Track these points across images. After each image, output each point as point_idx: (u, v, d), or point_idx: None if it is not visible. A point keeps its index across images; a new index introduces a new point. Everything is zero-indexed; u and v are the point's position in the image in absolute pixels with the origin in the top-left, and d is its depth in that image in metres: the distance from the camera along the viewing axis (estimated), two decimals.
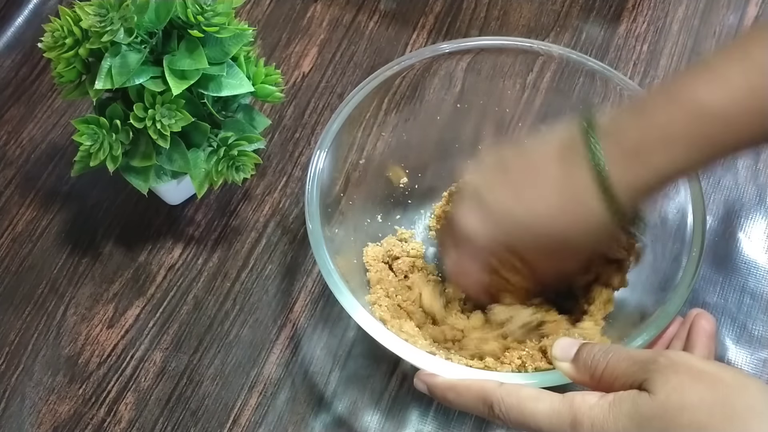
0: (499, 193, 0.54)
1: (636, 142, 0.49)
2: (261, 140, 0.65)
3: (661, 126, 0.48)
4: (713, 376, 0.40)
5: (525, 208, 0.53)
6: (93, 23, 0.56)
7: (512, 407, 0.44)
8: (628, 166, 0.49)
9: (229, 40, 0.61)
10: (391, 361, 0.66)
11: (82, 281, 0.70)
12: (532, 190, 0.53)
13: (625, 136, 0.49)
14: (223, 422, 0.64)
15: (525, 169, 0.54)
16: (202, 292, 0.69)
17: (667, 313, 0.53)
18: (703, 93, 0.47)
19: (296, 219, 0.72)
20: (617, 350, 0.43)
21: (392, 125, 0.67)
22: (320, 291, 0.69)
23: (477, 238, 0.55)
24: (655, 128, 0.48)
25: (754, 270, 0.69)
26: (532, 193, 0.53)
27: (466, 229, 0.55)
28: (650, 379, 0.40)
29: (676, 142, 0.48)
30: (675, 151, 0.48)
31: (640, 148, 0.49)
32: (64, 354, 0.67)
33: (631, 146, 0.49)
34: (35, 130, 0.77)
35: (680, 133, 0.48)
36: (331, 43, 0.81)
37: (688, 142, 0.48)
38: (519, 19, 0.82)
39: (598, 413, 0.40)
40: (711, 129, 0.47)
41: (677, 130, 0.48)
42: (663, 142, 0.48)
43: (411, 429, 0.63)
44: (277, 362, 0.66)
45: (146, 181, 0.63)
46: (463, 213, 0.56)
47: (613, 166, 0.49)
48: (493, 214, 0.54)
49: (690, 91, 0.48)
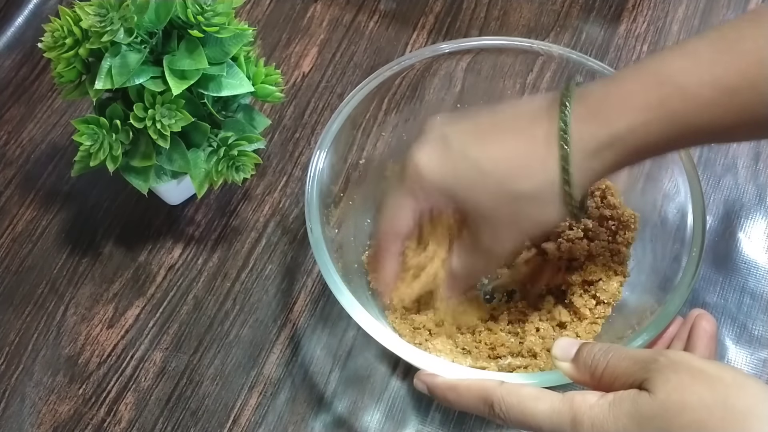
0: (464, 136, 0.53)
1: (598, 101, 0.49)
2: (261, 140, 0.65)
3: (626, 90, 0.48)
4: (713, 375, 0.39)
5: (485, 152, 0.52)
6: (93, 23, 0.56)
7: (512, 407, 0.44)
8: (587, 123, 0.49)
9: (229, 40, 0.61)
10: (391, 361, 0.66)
11: (82, 281, 0.70)
12: (497, 140, 0.52)
13: (591, 97, 0.49)
14: (223, 422, 0.64)
15: (495, 120, 0.53)
16: (202, 292, 0.69)
17: (667, 313, 0.53)
18: (672, 66, 0.47)
19: (296, 219, 0.72)
20: (617, 350, 0.43)
21: (392, 125, 0.67)
22: (320, 291, 0.69)
23: (426, 175, 0.52)
24: (619, 91, 0.49)
25: (754, 270, 0.69)
26: (497, 143, 0.52)
27: (418, 164, 0.53)
28: (650, 379, 0.40)
29: (637, 107, 0.48)
30: (634, 116, 0.48)
31: (601, 107, 0.49)
32: (64, 354, 0.67)
33: (593, 105, 0.49)
34: (35, 130, 0.77)
35: (641, 99, 0.48)
36: (331, 43, 0.81)
37: (647, 110, 0.47)
38: (519, 19, 0.82)
39: (599, 413, 0.40)
40: (675, 101, 0.47)
41: (640, 94, 0.48)
42: (623, 104, 0.48)
43: (411, 429, 0.63)
44: (277, 362, 0.66)
45: (146, 181, 0.63)
46: (421, 149, 0.53)
47: (575, 123, 0.49)
48: (452, 154, 0.52)
49: (660, 64, 0.48)
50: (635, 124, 0.48)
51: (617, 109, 0.48)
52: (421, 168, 0.53)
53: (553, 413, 0.42)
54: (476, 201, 0.52)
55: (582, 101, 0.49)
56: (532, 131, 0.51)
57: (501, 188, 0.51)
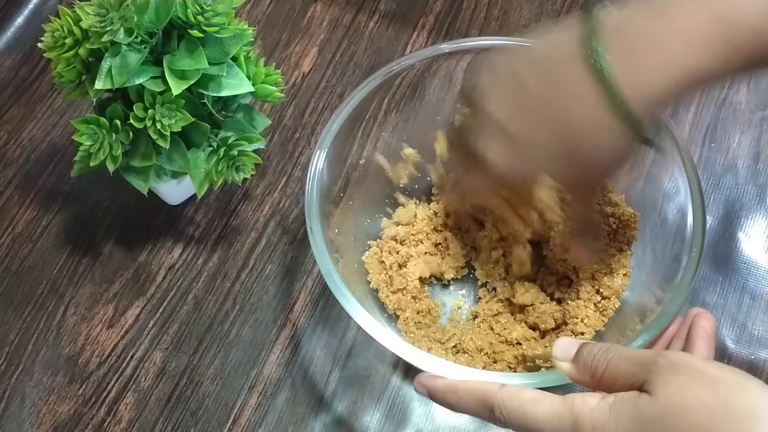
0: (521, 122, 0.51)
1: (649, 40, 0.46)
2: (261, 140, 0.65)
3: (682, 25, 0.45)
4: (714, 377, 0.39)
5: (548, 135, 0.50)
6: (93, 23, 0.56)
7: (513, 410, 0.44)
8: (638, 70, 0.46)
9: (229, 40, 0.60)
10: (391, 361, 0.66)
11: (82, 281, 0.70)
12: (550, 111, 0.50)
13: (641, 34, 0.46)
14: (223, 422, 0.64)
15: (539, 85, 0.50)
16: (202, 292, 0.69)
17: (667, 313, 0.53)
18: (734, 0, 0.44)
19: (296, 219, 0.72)
20: (618, 350, 0.43)
21: (392, 125, 0.67)
22: (320, 291, 0.69)
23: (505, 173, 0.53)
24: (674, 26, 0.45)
25: (754, 270, 0.69)
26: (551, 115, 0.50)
27: (494, 163, 0.52)
28: (651, 381, 0.40)
29: (696, 44, 0.45)
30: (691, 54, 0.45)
31: (654, 48, 0.46)
32: (64, 354, 0.67)
33: (645, 45, 0.46)
34: (35, 130, 0.77)
35: (702, 36, 0.44)
36: (331, 43, 0.81)
37: (707, 45, 0.44)
38: (519, 19, 0.82)
39: (599, 415, 0.40)
40: (737, 38, 0.44)
41: (699, 31, 0.45)
42: (679, 41, 0.45)
43: (411, 429, 0.63)
44: (277, 362, 0.66)
45: (146, 181, 0.63)
46: (487, 145, 0.52)
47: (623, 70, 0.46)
48: (519, 147, 0.51)
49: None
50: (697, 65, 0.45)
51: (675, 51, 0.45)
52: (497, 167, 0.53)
53: (553, 416, 0.42)
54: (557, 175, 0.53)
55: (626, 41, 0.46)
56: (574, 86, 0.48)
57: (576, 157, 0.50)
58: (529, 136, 0.51)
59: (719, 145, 0.74)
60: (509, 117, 0.51)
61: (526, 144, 0.51)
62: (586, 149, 0.49)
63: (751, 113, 0.75)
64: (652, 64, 0.46)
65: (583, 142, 0.49)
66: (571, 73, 0.48)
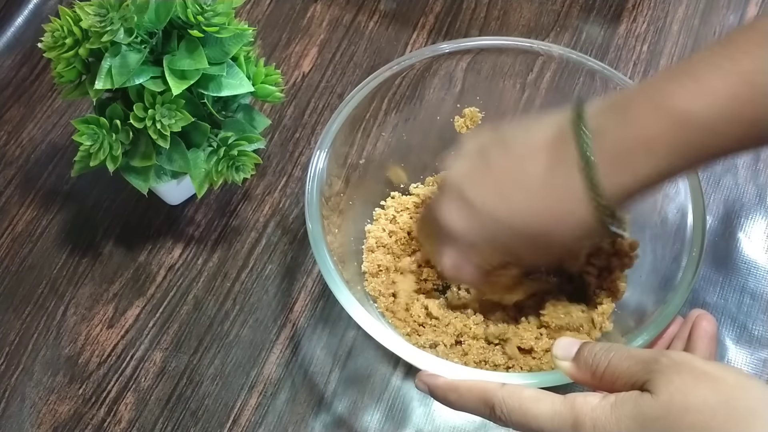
0: (481, 190, 0.53)
1: (620, 145, 0.48)
2: (261, 140, 0.65)
3: (644, 132, 0.48)
4: (716, 377, 0.39)
5: (509, 208, 0.52)
6: (93, 23, 0.56)
7: (514, 409, 0.44)
8: (612, 169, 0.48)
9: (229, 40, 0.60)
10: (391, 361, 0.66)
11: (82, 281, 0.70)
12: (515, 186, 0.52)
13: (610, 138, 0.48)
14: (223, 422, 0.64)
15: (509, 162, 0.53)
16: (202, 292, 0.69)
17: (667, 313, 0.53)
18: (686, 100, 0.46)
19: (296, 219, 0.72)
20: (619, 349, 0.43)
21: (392, 125, 0.67)
22: (320, 291, 0.69)
23: (462, 237, 0.54)
24: (638, 133, 0.48)
25: (754, 270, 0.69)
26: (515, 190, 0.52)
27: (450, 227, 0.54)
28: (653, 380, 0.40)
29: (659, 150, 0.47)
30: (657, 158, 0.47)
31: (624, 153, 0.48)
32: (64, 354, 0.67)
33: (615, 149, 0.48)
34: (35, 130, 0.77)
35: (663, 141, 0.47)
36: (331, 43, 0.81)
37: (670, 150, 0.47)
38: (519, 19, 0.82)
39: (600, 414, 0.40)
40: (694, 137, 0.47)
41: (660, 137, 0.47)
42: (646, 149, 0.47)
43: (411, 429, 0.63)
44: (277, 362, 0.66)
45: (146, 181, 0.63)
46: (446, 208, 0.55)
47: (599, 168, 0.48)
48: (476, 214, 0.53)
49: (672, 98, 0.47)
50: (660, 165, 0.48)
51: (641, 154, 0.48)
52: (454, 231, 0.54)
53: (554, 415, 0.42)
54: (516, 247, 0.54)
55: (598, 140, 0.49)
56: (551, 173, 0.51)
57: (537, 237, 0.52)
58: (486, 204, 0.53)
59: None
60: (471, 185, 0.54)
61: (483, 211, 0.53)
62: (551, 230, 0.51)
63: None
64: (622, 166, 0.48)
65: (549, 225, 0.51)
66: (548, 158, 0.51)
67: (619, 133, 0.48)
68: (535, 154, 0.51)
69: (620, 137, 0.48)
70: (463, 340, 0.61)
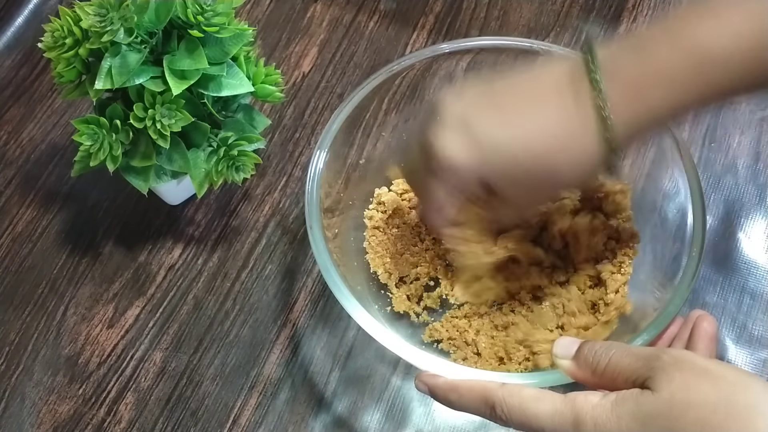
0: (488, 119, 0.50)
1: (636, 80, 0.48)
2: (261, 140, 0.65)
3: (661, 66, 0.47)
4: (717, 373, 0.39)
5: (516, 137, 0.50)
6: (93, 23, 0.56)
7: (514, 408, 0.44)
8: (627, 104, 0.48)
9: (229, 40, 0.60)
10: (391, 361, 0.66)
11: (82, 281, 0.70)
12: (524, 117, 0.50)
13: (625, 73, 0.48)
14: (223, 422, 0.64)
15: (517, 95, 0.51)
16: (202, 292, 0.69)
17: (667, 313, 0.53)
18: (705, 36, 0.47)
19: (296, 219, 0.72)
20: (619, 347, 0.43)
21: (392, 125, 0.67)
22: (320, 291, 0.69)
23: (459, 168, 0.50)
24: (655, 67, 0.48)
25: (754, 270, 0.69)
26: (524, 120, 0.50)
27: (447, 158, 0.50)
28: (653, 377, 0.40)
29: (675, 83, 0.47)
30: (673, 92, 0.47)
31: (640, 87, 0.48)
32: (64, 354, 0.67)
33: (630, 84, 0.48)
34: (35, 130, 0.77)
35: (679, 75, 0.47)
36: (331, 43, 0.81)
37: (685, 84, 0.47)
38: (519, 19, 0.82)
39: (601, 413, 0.40)
40: (710, 72, 0.47)
41: (677, 71, 0.47)
42: (662, 82, 0.47)
43: (411, 429, 0.63)
44: (277, 362, 0.66)
45: (146, 181, 0.63)
46: (444, 139, 0.51)
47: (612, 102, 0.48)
48: (479, 143, 0.50)
49: (691, 34, 0.47)
50: (674, 99, 0.48)
51: (658, 87, 0.48)
52: (452, 163, 0.51)
53: (555, 414, 0.42)
54: (512, 182, 0.51)
55: (612, 77, 0.48)
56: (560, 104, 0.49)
57: (537, 167, 0.50)
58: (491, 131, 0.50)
59: (719, 145, 0.74)
60: (473, 112, 0.51)
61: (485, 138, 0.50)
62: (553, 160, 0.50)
63: (751, 113, 0.75)
64: (635, 102, 0.48)
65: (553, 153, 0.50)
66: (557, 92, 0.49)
67: (635, 69, 0.48)
68: (544, 88, 0.50)
69: (636, 73, 0.48)
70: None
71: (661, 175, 0.61)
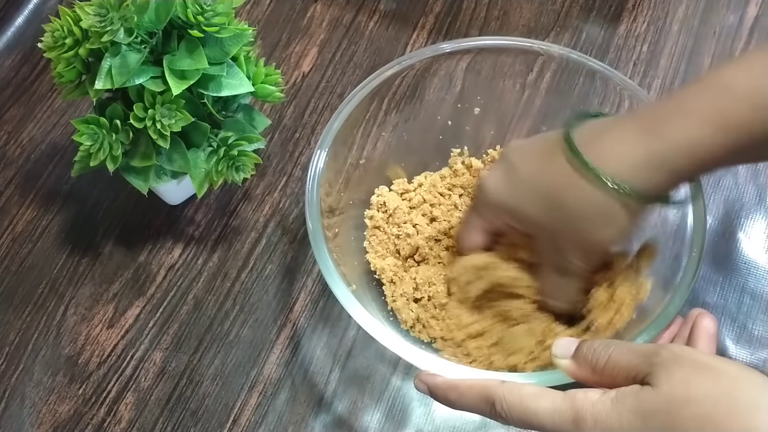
0: (522, 157, 0.56)
1: (651, 115, 0.49)
2: (261, 140, 0.65)
3: (679, 101, 0.49)
4: (717, 368, 0.39)
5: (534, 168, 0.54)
6: (93, 23, 0.56)
7: (514, 405, 0.44)
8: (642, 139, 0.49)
9: (229, 40, 0.60)
10: (391, 361, 0.66)
11: (82, 281, 0.70)
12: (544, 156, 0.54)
13: (644, 113, 0.50)
14: (223, 422, 0.64)
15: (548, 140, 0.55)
16: (202, 292, 0.69)
17: (667, 313, 0.53)
18: (727, 74, 0.47)
19: (296, 219, 0.72)
20: (618, 344, 0.43)
21: (392, 125, 0.67)
22: (320, 291, 0.69)
23: (489, 194, 0.57)
24: (672, 103, 0.49)
25: (754, 270, 0.69)
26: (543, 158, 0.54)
27: (484, 185, 0.57)
28: (653, 373, 0.40)
29: (692, 118, 0.48)
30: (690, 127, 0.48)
31: (655, 121, 0.49)
32: (64, 354, 0.67)
33: (645, 119, 0.49)
34: (35, 130, 0.77)
35: (696, 108, 0.47)
36: (331, 43, 0.81)
37: (703, 120, 0.47)
38: (519, 19, 0.82)
39: (601, 410, 0.40)
40: (733, 108, 0.47)
41: (694, 104, 0.48)
42: (678, 116, 0.48)
43: (411, 429, 0.63)
44: (277, 362, 0.66)
45: (146, 181, 0.63)
46: (491, 173, 0.58)
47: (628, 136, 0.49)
48: (512, 174, 0.56)
49: (714, 74, 0.48)
50: (693, 136, 0.48)
51: (672, 121, 0.48)
52: (485, 189, 0.57)
53: (554, 411, 0.42)
54: (532, 215, 0.55)
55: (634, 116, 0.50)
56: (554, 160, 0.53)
57: (549, 200, 0.53)
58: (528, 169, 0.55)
59: None
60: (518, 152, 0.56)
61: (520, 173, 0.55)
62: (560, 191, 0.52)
63: None
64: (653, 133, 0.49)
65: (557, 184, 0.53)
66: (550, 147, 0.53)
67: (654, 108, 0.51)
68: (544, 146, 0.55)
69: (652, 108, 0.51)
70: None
71: None
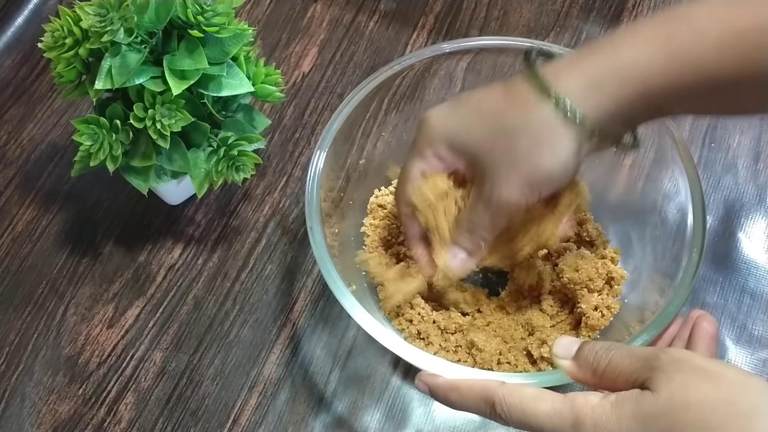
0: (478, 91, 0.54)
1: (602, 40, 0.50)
2: (261, 140, 0.65)
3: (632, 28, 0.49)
4: (717, 373, 0.39)
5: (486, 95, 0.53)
6: (93, 23, 0.56)
7: (514, 407, 0.44)
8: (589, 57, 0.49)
9: (229, 40, 0.60)
10: (391, 361, 0.66)
11: (82, 281, 0.70)
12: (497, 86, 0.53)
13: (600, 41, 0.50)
14: (223, 422, 0.64)
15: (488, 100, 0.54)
16: (202, 292, 0.69)
17: (667, 313, 0.53)
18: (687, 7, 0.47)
19: (296, 219, 0.72)
20: (619, 347, 0.43)
21: (392, 125, 0.67)
22: (320, 291, 0.69)
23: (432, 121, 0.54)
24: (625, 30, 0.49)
25: (754, 270, 0.69)
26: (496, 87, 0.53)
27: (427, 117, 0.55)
28: (653, 377, 0.40)
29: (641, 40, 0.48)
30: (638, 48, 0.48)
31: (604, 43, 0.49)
32: (64, 354, 0.67)
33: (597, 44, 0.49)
34: (35, 130, 0.77)
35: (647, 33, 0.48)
36: (331, 43, 0.81)
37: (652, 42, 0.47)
38: (519, 19, 0.82)
39: (601, 413, 0.40)
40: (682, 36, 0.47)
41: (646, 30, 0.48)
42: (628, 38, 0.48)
43: (411, 429, 0.63)
44: (277, 362, 0.66)
45: (146, 181, 0.63)
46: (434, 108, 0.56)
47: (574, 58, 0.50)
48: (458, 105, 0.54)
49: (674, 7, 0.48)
50: (640, 59, 0.47)
51: (621, 42, 0.48)
52: (428, 119, 0.55)
53: (554, 414, 0.42)
54: (476, 141, 0.53)
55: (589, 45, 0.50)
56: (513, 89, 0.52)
57: (496, 121, 0.52)
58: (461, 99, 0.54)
59: (719, 145, 0.74)
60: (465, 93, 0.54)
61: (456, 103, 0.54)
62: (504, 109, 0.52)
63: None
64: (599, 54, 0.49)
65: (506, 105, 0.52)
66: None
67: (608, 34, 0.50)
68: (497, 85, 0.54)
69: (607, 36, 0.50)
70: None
71: (661, 175, 0.61)
